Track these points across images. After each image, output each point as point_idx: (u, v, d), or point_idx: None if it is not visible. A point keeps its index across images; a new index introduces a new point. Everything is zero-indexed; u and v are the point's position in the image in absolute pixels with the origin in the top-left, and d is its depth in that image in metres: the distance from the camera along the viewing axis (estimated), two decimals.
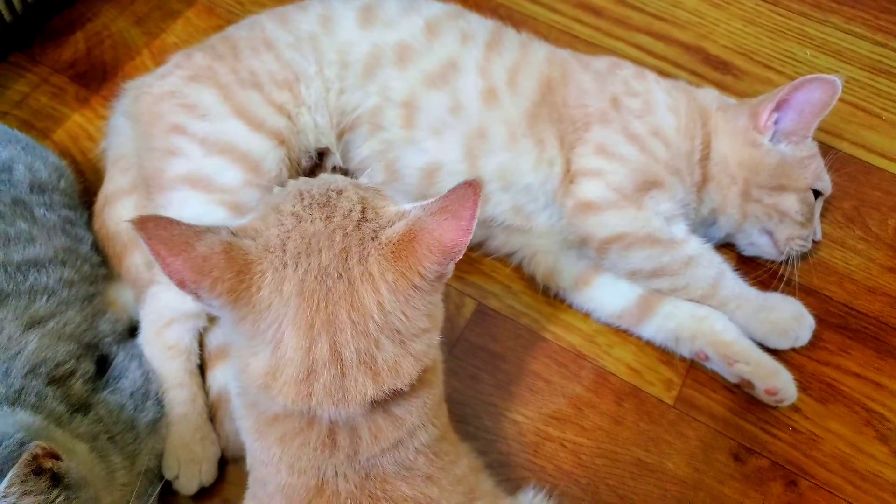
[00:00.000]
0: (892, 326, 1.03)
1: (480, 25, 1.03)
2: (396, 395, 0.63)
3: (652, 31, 1.33)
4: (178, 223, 0.58)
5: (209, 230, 0.59)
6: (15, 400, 0.74)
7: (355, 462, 0.64)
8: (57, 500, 0.64)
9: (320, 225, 0.61)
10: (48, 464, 0.64)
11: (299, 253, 0.60)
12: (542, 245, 1.03)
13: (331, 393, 0.59)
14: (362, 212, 0.62)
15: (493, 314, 1.03)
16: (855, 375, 1.00)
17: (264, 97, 0.95)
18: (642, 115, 0.99)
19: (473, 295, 1.04)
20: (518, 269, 1.06)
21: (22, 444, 0.63)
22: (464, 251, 0.60)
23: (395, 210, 0.64)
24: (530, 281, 1.05)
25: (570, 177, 0.98)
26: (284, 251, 0.60)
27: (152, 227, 0.58)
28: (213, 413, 0.92)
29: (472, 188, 0.60)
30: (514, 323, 1.03)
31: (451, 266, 0.62)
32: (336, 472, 0.64)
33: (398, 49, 0.98)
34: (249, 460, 0.72)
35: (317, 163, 1.05)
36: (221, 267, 0.58)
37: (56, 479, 0.64)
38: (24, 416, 0.71)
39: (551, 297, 1.04)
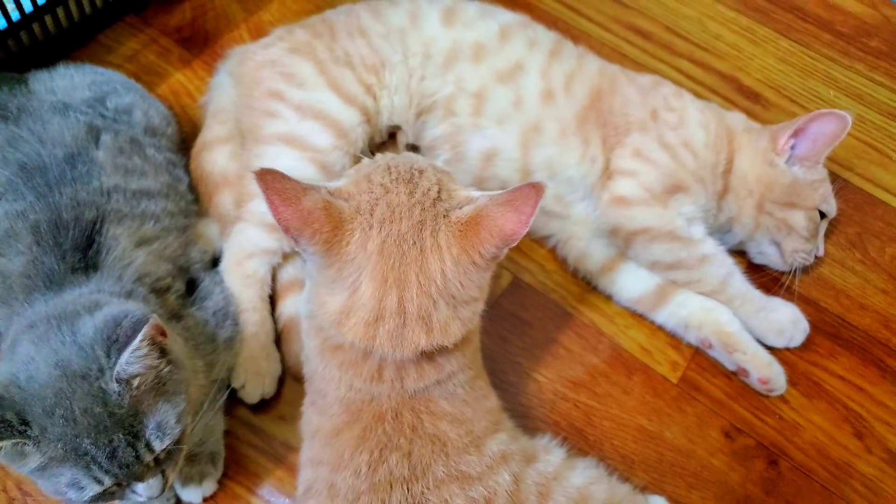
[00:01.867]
0: (879, 340, 1.15)
1: (545, 35, 1.16)
2: (442, 349, 0.74)
3: (693, 58, 1.45)
4: (290, 178, 0.68)
5: (312, 188, 0.70)
6: (127, 298, 0.86)
7: (402, 391, 0.76)
8: (164, 370, 0.75)
9: (403, 198, 0.71)
10: (158, 338, 0.75)
11: (384, 219, 0.70)
12: (576, 231, 1.14)
13: (392, 338, 0.70)
14: (438, 192, 0.72)
15: (526, 287, 1.16)
16: (840, 378, 1.11)
17: (356, 76, 1.08)
18: (676, 127, 1.10)
19: (510, 269, 1.17)
20: (552, 250, 1.18)
21: (140, 321, 0.73)
22: (519, 240, 0.70)
23: (465, 194, 0.74)
24: (562, 262, 1.17)
25: (608, 174, 1.10)
26: (372, 215, 0.70)
27: (270, 179, 0.67)
28: (281, 337, 1.04)
29: (535, 189, 0.69)
30: (545, 297, 1.15)
31: (506, 250, 0.72)
32: (384, 394, 0.76)
33: (475, 47, 1.10)
34: (309, 374, 0.84)
35: (385, 140, 1.18)
36: (321, 221, 0.69)
37: (163, 352, 0.76)
38: (138, 305, 0.83)
39: (579, 279, 1.16)
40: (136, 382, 0.73)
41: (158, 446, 0.74)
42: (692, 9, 1.52)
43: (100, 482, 0.72)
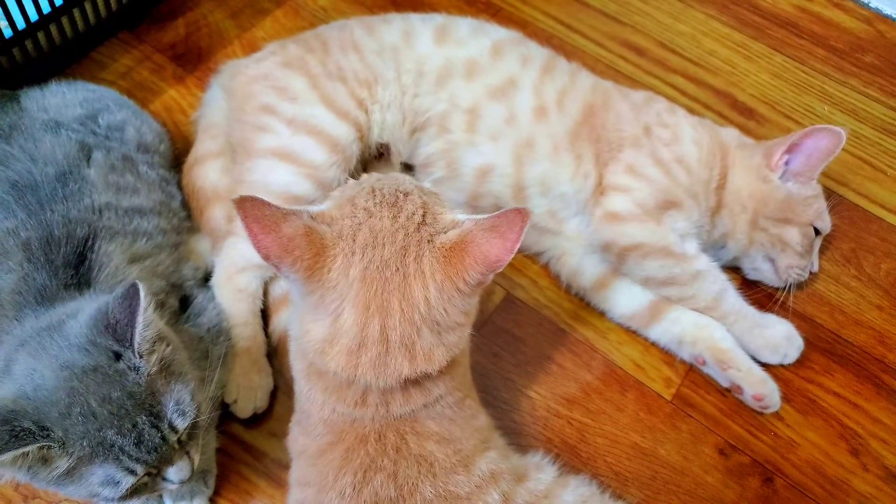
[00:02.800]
0: (874, 357, 1.14)
1: (538, 52, 1.16)
2: (427, 375, 0.73)
3: (687, 74, 1.45)
4: (269, 204, 0.68)
5: (293, 213, 0.69)
6: None
7: (387, 415, 0.75)
8: (166, 351, 0.76)
9: (387, 222, 0.70)
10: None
11: (366, 244, 0.69)
12: (569, 248, 1.14)
13: (374, 366, 0.70)
14: (423, 216, 0.71)
15: (519, 303, 1.16)
16: (835, 394, 1.11)
17: (348, 90, 1.09)
18: (670, 143, 1.10)
19: (503, 285, 1.17)
20: (546, 267, 1.18)
21: (131, 288, 0.73)
22: (504, 266, 0.69)
23: (451, 218, 0.73)
24: (555, 279, 1.17)
25: (601, 190, 1.10)
26: (354, 241, 0.69)
27: (249, 206, 0.67)
28: (278, 350, 1.04)
29: (521, 215, 0.68)
30: (537, 313, 1.15)
31: (491, 276, 0.71)
32: (368, 417, 0.75)
33: (467, 64, 1.11)
34: (297, 393, 0.83)
35: (375, 156, 1.18)
36: (302, 248, 0.68)
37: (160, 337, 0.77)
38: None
39: (572, 295, 1.16)
40: (151, 359, 0.74)
41: (181, 424, 0.75)
42: (686, 25, 1.52)
43: (133, 472, 0.72)
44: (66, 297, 0.84)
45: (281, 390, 1.03)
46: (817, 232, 1.14)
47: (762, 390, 1.05)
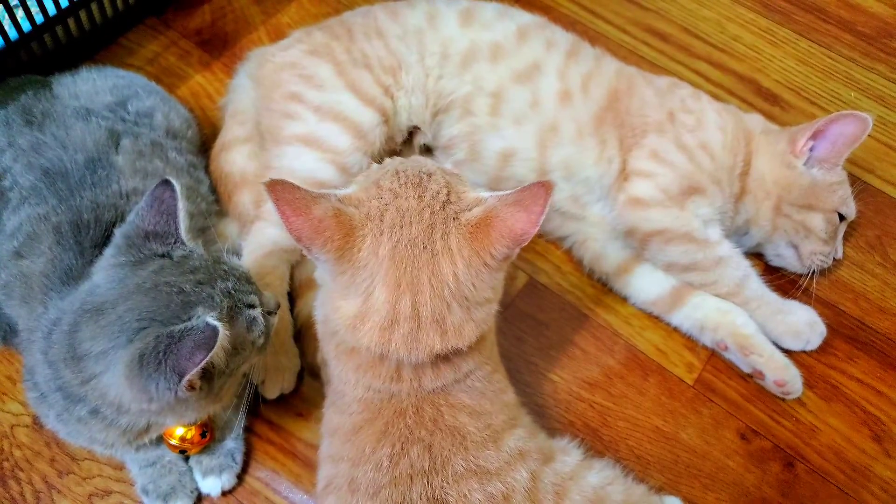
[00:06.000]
0: None
1: (563, 37, 1.16)
2: (457, 351, 0.75)
3: (711, 60, 1.44)
4: (300, 188, 0.70)
5: (322, 196, 0.71)
6: None
7: (420, 389, 0.77)
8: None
9: (413, 202, 0.72)
10: None
11: (394, 224, 0.71)
12: (592, 233, 1.14)
13: (406, 342, 0.71)
14: (447, 195, 0.73)
15: (541, 288, 1.17)
16: (858, 381, 1.11)
17: (374, 78, 1.09)
18: (693, 129, 1.10)
19: (526, 270, 1.18)
20: (568, 252, 1.19)
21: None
22: (530, 240, 0.71)
23: (474, 196, 0.74)
24: (578, 264, 1.18)
25: (624, 175, 1.10)
26: (382, 221, 0.71)
27: (280, 189, 0.69)
28: (301, 333, 1.06)
29: (544, 188, 0.70)
30: (560, 298, 1.16)
31: (517, 250, 0.73)
32: (403, 391, 0.77)
33: (492, 47, 1.11)
34: (327, 376, 0.86)
35: (405, 139, 1.19)
36: (332, 229, 0.70)
37: None
38: None
39: (595, 281, 1.17)
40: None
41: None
42: (711, 10, 1.51)
43: (255, 305, 0.81)
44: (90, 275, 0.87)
45: (307, 372, 1.05)
46: (842, 218, 1.14)
47: (784, 376, 1.06)
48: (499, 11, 1.16)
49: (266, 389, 1.01)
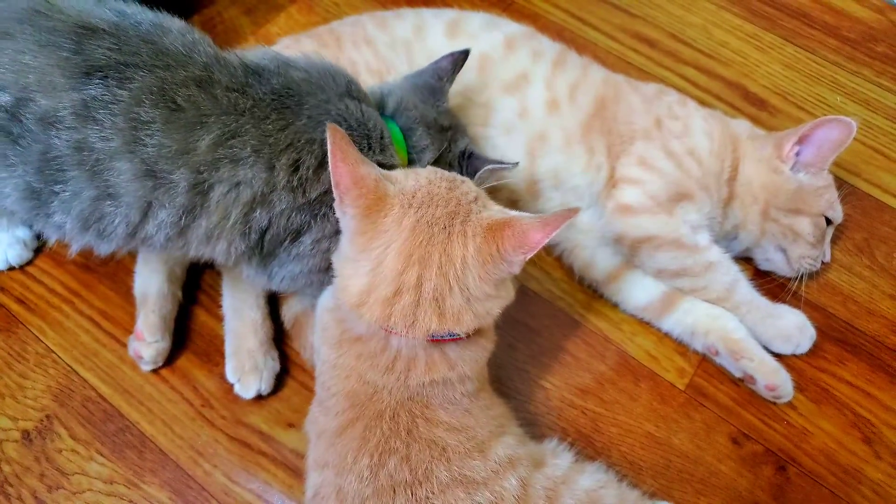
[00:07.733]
0: (888, 346, 1.15)
1: (549, 46, 1.17)
2: (453, 341, 0.77)
3: (699, 66, 1.45)
4: (354, 146, 0.75)
5: (370, 162, 0.76)
6: None
7: (404, 385, 0.78)
8: None
9: (444, 191, 0.77)
10: None
11: (423, 203, 0.76)
12: (582, 240, 1.15)
13: (405, 317, 0.74)
14: (475, 197, 0.78)
15: (533, 295, 1.17)
16: (848, 384, 1.11)
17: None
18: (681, 136, 1.11)
19: (517, 277, 1.16)
20: (559, 258, 1.19)
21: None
22: (536, 250, 0.74)
23: (499, 208, 0.79)
24: (568, 270, 1.18)
25: (613, 182, 1.11)
26: (413, 197, 0.76)
27: (339, 137, 0.73)
28: (293, 332, 1.06)
29: (571, 212, 0.74)
30: (551, 305, 1.16)
31: (522, 259, 0.75)
32: (388, 388, 0.78)
33: (479, 58, 1.12)
34: (320, 367, 0.86)
35: None
36: (369, 187, 0.74)
37: None
38: None
39: (585, 287, 1.17)
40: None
41: None
42: (697, 16, 1.52)
43: None
44: None
45: (295, 379, 1.05)
46: (829, 222, 1.14)
47: (775, 380, 1.06)
48: (486, 22, 1.16)
49: (242, 389, 1.01)
